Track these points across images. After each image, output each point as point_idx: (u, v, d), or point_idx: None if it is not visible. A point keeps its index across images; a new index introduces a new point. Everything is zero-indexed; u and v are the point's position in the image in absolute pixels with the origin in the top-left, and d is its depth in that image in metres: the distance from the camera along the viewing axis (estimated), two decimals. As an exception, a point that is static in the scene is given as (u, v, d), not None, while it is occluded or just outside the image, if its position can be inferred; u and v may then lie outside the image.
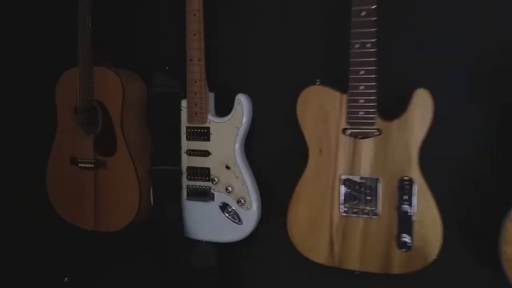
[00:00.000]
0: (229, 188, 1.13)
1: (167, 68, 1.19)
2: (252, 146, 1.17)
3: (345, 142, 0.96)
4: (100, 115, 1.27)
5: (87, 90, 1.27)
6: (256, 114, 1.14)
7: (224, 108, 1.18)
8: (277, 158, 1.19)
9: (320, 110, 0.97)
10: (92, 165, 1.30)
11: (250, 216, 1.13)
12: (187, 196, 1.19)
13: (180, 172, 1.18)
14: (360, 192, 0.96)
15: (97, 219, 1.31)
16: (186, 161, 1.18)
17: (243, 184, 1.13)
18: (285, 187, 1.06)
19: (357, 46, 0.90)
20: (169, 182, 1.18)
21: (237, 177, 1.13)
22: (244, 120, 1.12)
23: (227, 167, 1.14)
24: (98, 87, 1.26)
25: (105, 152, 1.28)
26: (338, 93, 0.96)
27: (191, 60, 1.12)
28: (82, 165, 1.31)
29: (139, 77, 1.33)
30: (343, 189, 0.97)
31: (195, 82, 1.13)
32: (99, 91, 1.27)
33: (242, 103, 1.11)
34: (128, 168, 1.26)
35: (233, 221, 1.14)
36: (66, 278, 1.02)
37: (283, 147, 1.18)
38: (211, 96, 1.18)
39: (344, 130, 0.97)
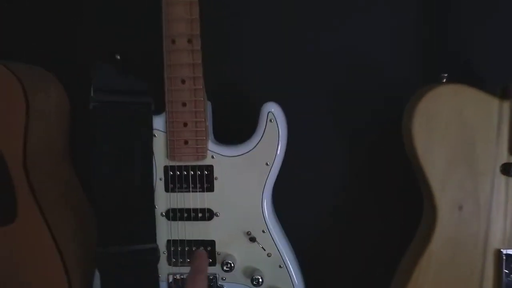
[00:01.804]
0: (257, 276, 0.61)
1: (117, 57, 0.63)
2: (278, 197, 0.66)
3: (506, 188, 0.52)
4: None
5: None
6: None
7: (227, 130, 0.66)
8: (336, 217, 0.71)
9: (460, 129, 0.51)
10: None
11: (296, 322, 0.63)
12: (171, 295, 0.64)
13: (155, 254, 0.62)
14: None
15: None
16: (167, 231, 0.63)
17: (281, 267, 0.62)
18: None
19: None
20: (135, 273, 0.62)
21: (269, 255, 0.62)
22: (279, 149, 0.61)
23: (251, 238, 0.62)
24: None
25: None
26: (494, 99, 0.51)
27: (173, 42, 0.58)
28: None
29: (53, 76, 0.73)
30: (503, 274, 0.53)
31: (183, 82, 0.59)
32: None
33: (277, 120, 0.60)
34: (43, 246, 0.67)
35: (265, 334, 0.63)
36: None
37: (353, 197, 0.71)
38: (209, 108, 0.65)
39: (506, 167, 0.52)
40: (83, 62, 0.74)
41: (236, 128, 0.68)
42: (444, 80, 0.53)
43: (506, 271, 0.53)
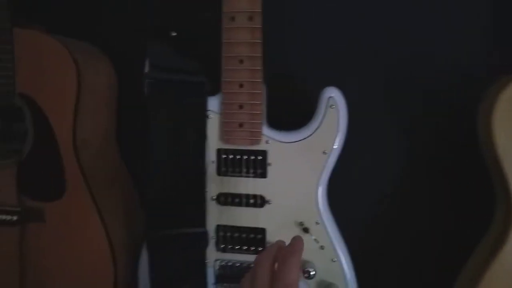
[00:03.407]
0: (309, 269, 0.59)
1: (173, 34, 0.60)
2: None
3: None
4: (29, 123, 0.65)
5: (0, 72, 0.64)
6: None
7: (279, 115, 0.63)
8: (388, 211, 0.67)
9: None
10: (15, 217, 0.68)
11: (346, 318, 0.60)
12: (217, 281, 0.62)
13: (204, 238, 0.61)
14: None
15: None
16: (217, 215, 0.61)
17: (334, 261, 0.59)
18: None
19: None
20: (183, 257, 0.61)
21: (322, 248, 0.59)
22: (338, 137, 0.57)
23: (305, 229, 0.59)
24: (24, 70, 0.64)
25: (41, 193, 0.68)
26: None
27: (233, 19, 0.55)
28: (-6, 216, 0.69)
29: (102, 53, 0.72)
30: None
31: (241, 62, 0.56)
32: (27, 76, 0.64)
33: (338, 106, 0.57)
34: (90, 223, 0.67)
35: (313, 328, 0.61)
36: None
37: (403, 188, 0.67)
38: (265, 91, 0.62)
39: None
40: (133, 39, 0.73)
41: (287, 114, 0.65)
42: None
43: None
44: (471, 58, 0.66)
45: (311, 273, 0.58)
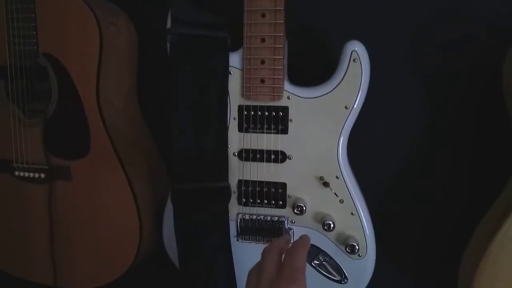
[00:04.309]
0: (328, 221, 0.60)
1: (193, -11, 0.60)
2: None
3: None
4: (53, 82, 0.67)
5: (23, 32, 0.65)
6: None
7: (302, 70, 0.63)
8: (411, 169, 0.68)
9: None
10: (43, 175, 0.72)
11: (364, 269, 0.62)
12: (239, 234, 0.64)
13: (226, 192, 0.63)
14: None
15: (60, 269, 0.74)
16: (239, 170, 0.63)
17: (353, 214, 0.61)
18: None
19: None
20: (206, 210, 0.63)
21: (341, 202, 0.61)
22: (361, 92, 0.57)
23: (325, 183, 0.60)
24: (47, 29, 0.65)
25: (67, 152, 0.71)
26: None
27: (254, -30, 0.55)
28: (22, 174, 0.71)
29: (122, 11, 0.72)
30: None
31: (263, 16, 0.56)
32: (50, 36, 0.65)
33: (360, 59, 0.57)
34: (115, 180, 0.69)
35: (332, 279, 0.63)
36: None
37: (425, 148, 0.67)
38: (286, 46, 0.62)
39: None
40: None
41: (308, 69, 0.65)
42: None
43: None
44: (496, 14, 0.64)
45: (331, 225, 0.60)
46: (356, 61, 0.56)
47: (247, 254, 0.64)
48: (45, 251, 0.73)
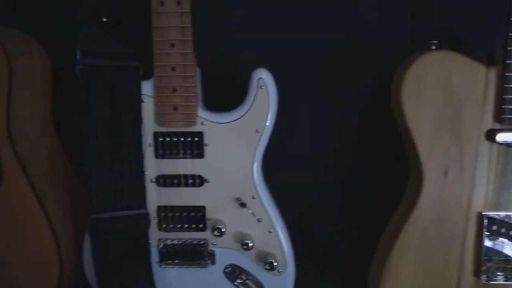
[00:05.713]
0: (247, 241, 0.62)
1: (104, 20, 0.61)
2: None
3: (489, 154, 0.53)
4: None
5: None
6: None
7: (214, 97, 0.66)
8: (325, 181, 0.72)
9: (448, 95, 0.52)
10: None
11: (284, 284, 0.64)
12: (161, 259, 0.65)
13: (145, 219, 0.63)
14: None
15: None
16: (157, 196, 0.63)
17: (270, 232, 0.63)
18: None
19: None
20: (126, 239, 0.62)
21: (259, 221, 0.63)
22: (269, 116, 0.61)
23: (242, 204, 0.62)
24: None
25: None
26: (481, 66, 0.52)
27: (162, 3, 0.56)
28: None
29: (34, 41, 0.71)
30: (484, 236, 0.55)
31: (172, 46, 0.58)
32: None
33: (267, 87, 0.60)
34: (31, 212, 0.67)
35: (254, 297, 0.65)
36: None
37: (338, 162, 0.72)
38: (198, 74, 0.64)
39: (490, 133, 0.53)
40: (65, 26, 0.72)
41: (225, 95, 0.68)
42: (434, 47, 0.53)
43: (487, 233, 0.56)
44: (400, 40, 0.71)
45: (249, 244, 0.62)
46: (263, 88, 0.60)
47: (170, 279, 0.65)
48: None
